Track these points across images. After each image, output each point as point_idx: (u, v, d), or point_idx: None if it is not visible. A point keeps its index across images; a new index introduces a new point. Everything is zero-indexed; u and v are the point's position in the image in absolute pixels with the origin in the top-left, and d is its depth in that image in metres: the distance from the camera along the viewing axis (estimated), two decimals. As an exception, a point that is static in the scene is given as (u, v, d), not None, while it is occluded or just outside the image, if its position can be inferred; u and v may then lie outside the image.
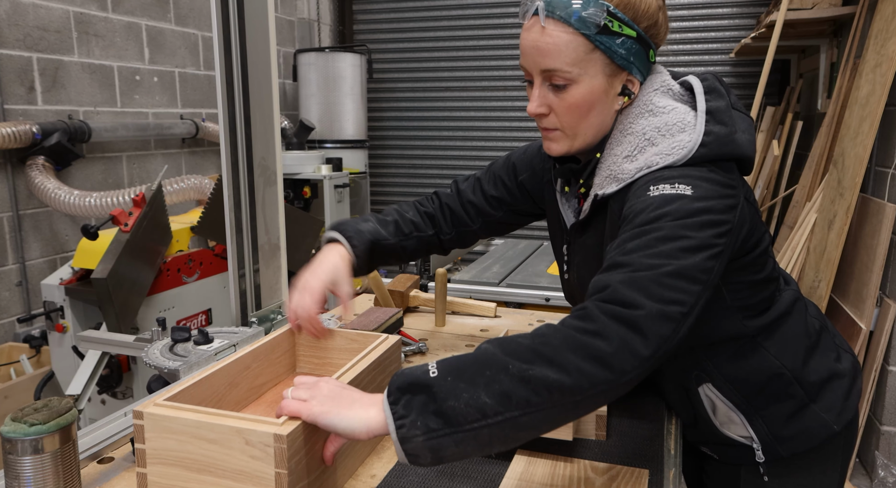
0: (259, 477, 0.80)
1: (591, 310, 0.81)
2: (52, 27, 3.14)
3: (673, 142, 0.97)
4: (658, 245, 0.85)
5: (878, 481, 2.75)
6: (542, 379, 0.76)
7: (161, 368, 1.28)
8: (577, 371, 0.76)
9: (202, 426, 0.81)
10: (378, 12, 5.06)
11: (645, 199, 0.92)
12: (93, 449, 1.00)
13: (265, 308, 1.64)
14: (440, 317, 1.72)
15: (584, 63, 0.97)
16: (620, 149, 1.02)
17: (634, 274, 0.83)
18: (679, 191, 0.91)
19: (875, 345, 2.70)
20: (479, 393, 0.76)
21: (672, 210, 0.89)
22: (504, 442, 0.79)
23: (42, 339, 2.88)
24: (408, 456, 0.77)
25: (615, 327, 0.78)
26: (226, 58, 1.47)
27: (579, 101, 0.99)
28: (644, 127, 1.00)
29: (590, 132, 1.04)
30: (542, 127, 1.06)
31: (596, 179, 1.05)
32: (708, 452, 1.23)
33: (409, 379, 0.78)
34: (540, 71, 0.99)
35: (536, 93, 1.02)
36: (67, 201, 2.92)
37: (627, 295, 0.80)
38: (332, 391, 0.84)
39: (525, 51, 1.01)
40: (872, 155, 2.83)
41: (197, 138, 4.00)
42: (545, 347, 0.78)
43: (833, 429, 1.12)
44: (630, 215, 0.92)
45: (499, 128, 4.85)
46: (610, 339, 0.77)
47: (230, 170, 1.52)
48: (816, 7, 3.20)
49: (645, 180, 0.96)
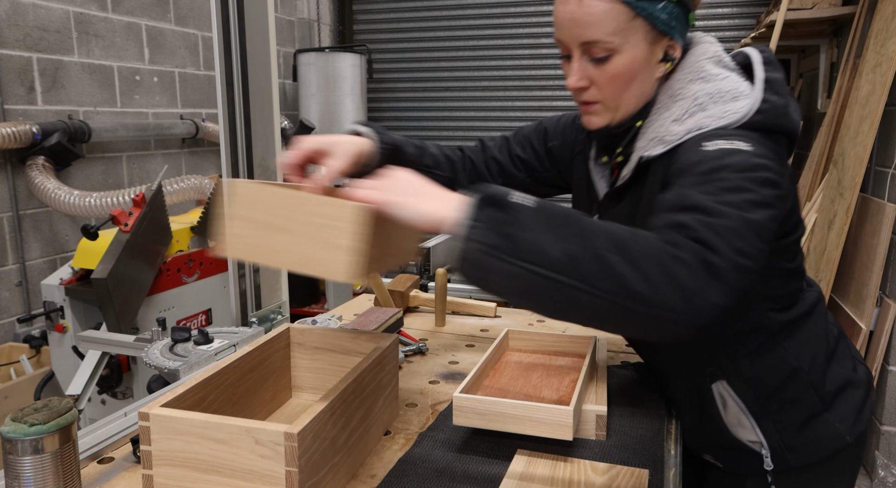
0: (269, 477, 0.80)
1: (679, 240, 0.76)
2: (52, 27, 3.14)
3: (725, 108, 0.94)
4: (725, 195, 0.81)
5: (879, 481, 2.75)
6: (617, 268, 0.74)
7: (161, 368, 1.28)
8: (653, 284, 0.73)
9: (210, 426, 0.81)
10: (378, 12, 5.06)
11: (700, 152, 0.88)
12: (93, 449, 1.00)
13: (265, 308, 1.64)
14: (440, 317, 1.72)
15: (625, 32, 0.93)
16: (668, 113, 0.98)
17: (710, 218, 0.78)
18: (736, 146, 0.87)
19: (875, 345, 2.70)
20: (555, 243, 0.75)
21: (733, 162, 0.85)
22: (544, 303, 0.77)
23: (42, 339, 2.88)
24: (461, 259, 0.77)
25: (697, 264, 0.74)
26: (226, 58, 1.47)
27: (621, 71, 0.96)
28: (696, 92, 0.97)
29: (632, 102, 1.00)
30: (581, 101, 1.02)
31: (639, 143, 1.01)
32: (711, 460, 1.20)
33: (500, 194, 0.78)
34: (579, 44, 0.96)
35: (576, 66, 0.98)
36: (67, 201, 2.92)
37: (708, 236, 0.76)
38: (408, 180, 0.85)
39: (562, 24, 0.97)
40: (872, 155, 2.83)
41: (197, 138, 4.00)
42: (636, 245, 0.75)
43: (846, 440, 1.09)
44: (685, 167, 0.88)
45: (499, 128, 4.84)
46: (691, 273, 0.74)
47: (230, 170, 1.52)
48: (816, 7, 3.20)
49: (696, 139, 0.92)
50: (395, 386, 1.16)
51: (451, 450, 1.05)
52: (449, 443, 1.07)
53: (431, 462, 1.01)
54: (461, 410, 1.04)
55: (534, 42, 4.67)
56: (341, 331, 1.17)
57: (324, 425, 0.85)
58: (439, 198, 0.83)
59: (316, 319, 1.57)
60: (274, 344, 1.14)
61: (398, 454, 1.04)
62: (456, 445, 1.06)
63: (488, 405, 1.02)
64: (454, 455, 1.03)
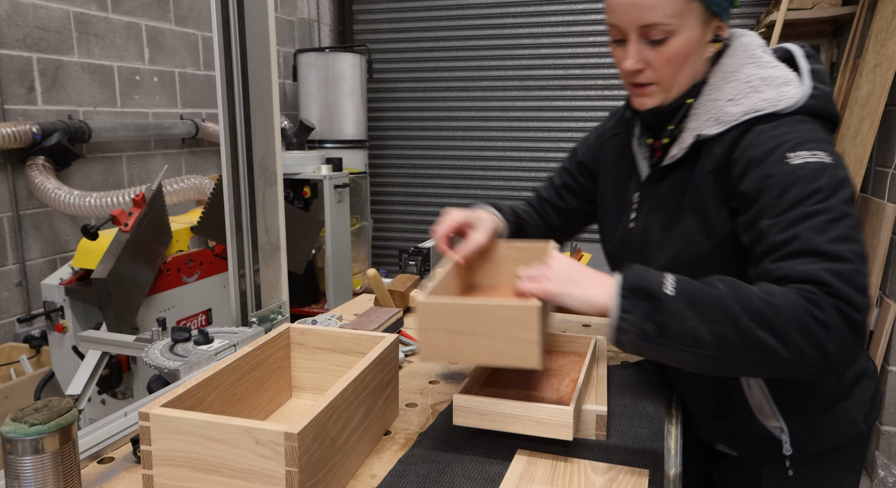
0: (269, 477, 0.80)
1: (822, 299, 0.83)
2: (52, 27, 3.14)
3: (780, 91, 1.00)
4: (834, 227, 0.87)
5: (879, 481, 2.75)
6: (763, 342, 0.82)
7: (161, 368, 1.28)
8: (798, 350, 0.82)
9: (210, 426, 0.81)
10: (378, 12, 5.06)
11: (788, 167, 0.93)
12: (93, 449, 1.00)
13: (265, 308, 1.64)
14: (440, 317, 1.72)
15: (682, 13, 0.98)
16: (722, 93, 1.03)
17: (837, 265, 0.85)
18: (820, 159, 0.92)
19: (875, 345, 2.70)
20: (702, 328, 0.84)
21: (825, 184, 0.90)
22: (697, 368, 0.88)
23: (42, 339, 2.88)
24: (616, 342, 0.90)
25: (841, 325, 0.82)
26: (226, 58, 1.47)
27: (678, 52, 1.00)
28: (749, 75, 1.02)
29: (685, 82, 1.05)
30: (635, 82, 1.06)
31: (692, 123, 1.05)
32: (726, 450, 1.22)
33: (644, 285, 0.88)
34: (638, 27, 1.00)
35: (633, 49, 1.02)
36: (67, 201, 2.92)
37: (844, 291, 0.83)
38: (563, 270, 0.96)
39: (619, 8, 1.00)
40: (872, 155, 2.83)
41: (197, 138, 4.00)
42: (776, 318, 0.82)
43: (861, 428, 1.13)
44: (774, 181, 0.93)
45: (499, 128, 4.84)
46: (835, 335, 0.82)
47: (230, 170, 1.52)
48: (816, 7, 3.19)
49: (760, 131, 0.98)
50: (395, 386, 1.16)
51: (451, 450, 1.05)
52: (449, 443, 1.07)
53: (431, 462, 1.01)
54: (461, 410, 1.04)
55: (534, 42, 4.67)
56: (341, 331, 1.17)
57: (324, 425, 0.85)
58: (595, 284, 0.93)
59: (316, 319, 1.57)
60: (274, 344, 1.14)
61: (398, 454, 1.04)
62: (456, 445, 1.06)
63: (488, 405, 1.02)
64: (454, 455, 1.03)
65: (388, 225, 5.23)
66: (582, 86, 4.58)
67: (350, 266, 4.21)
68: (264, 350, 1.11)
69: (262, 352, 1.10)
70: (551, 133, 4.69)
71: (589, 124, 4.58)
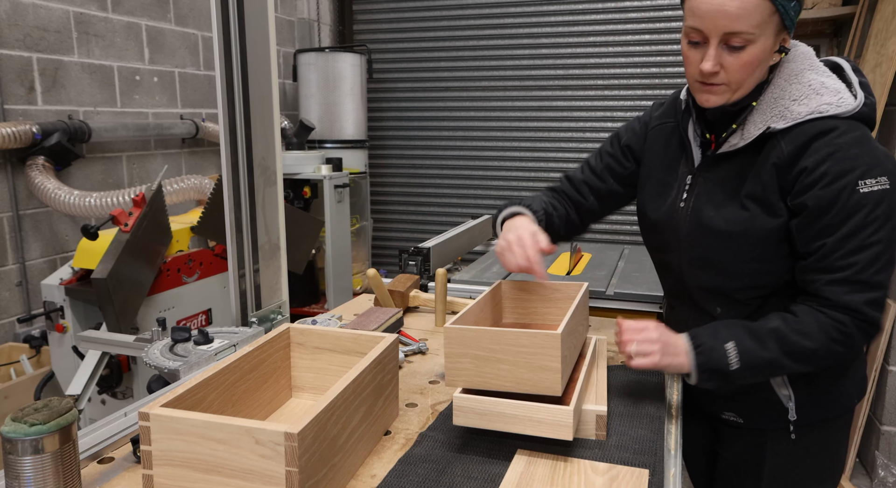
0: (269, 476, 0.80)
1: (853, 332, 1.11)
2: (52, 27, 3.14)
3: (838, 97, 1.13)
4: (882, 257, 1.10)
5: (878, 481, 2.75)
6: (800, 369, 1.14)
7: (161, 368, 1.28)
8: (825, 366, 1.16)
9: (211, 426, 0.81)
10: (378, 12, 5.05)
11: (856, 196, 1.08)
12: (93, 449, 1.00)
13: (265, 308, 1.64)
14: (440, 317, 1.72)
15: (764, 25, 1.08)
16: (786, 93, 1.15)
17: (874, 294, 1.10)
18: (882, 186, 1.09)
19: (875, 345, 2.70)
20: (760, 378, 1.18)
21: (883, 211, 1.09)
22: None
23: (42, 339, 2.88)
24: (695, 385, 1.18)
25: (861, 342, 1.13)
26: (226, 58, 1.47)
27: (753, 59, 1.10)
28: (810, 79, 1.15)
29: (751, 85, 1.15)
30: (706, 82, 1.15)
31: (757, 117, 1.17)
32: (732, 418, 1.34)
33: (713, 367, 1.14)
34: (722, 33, 1.08)
35: (713, 53, 1.11)
36: (67, 201, 2.92)
37: (874, 317, 1.11)
38: (662, 342, 1.15)
39: (706, 14, 1.08)
40: (872, 155, 2.82)
41: (197, 138, 4.00)
42: (814, 355, 1.12)
43: (854, 402, 1.31)
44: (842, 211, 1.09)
45: (499, 128, 4.84)
46: (854, 350, 1.14)
47: (230, 170, 1.52)
48: (816, 7, 3.19)
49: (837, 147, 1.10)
50: (395, 386, 1.16)
51: (451, 450, 1.05)
52: (449, 443, 1.07)
53: (431, 462, 1.01)
54: (461, 410, 1.04)
55: (534, 42, 4.67)
56: (341, 331, 1.17)
57: (324, 425, 0.85)
58: (679, 353, 1.15)
59: (316, 319, 1.57)
60: (274, 344, 1.14)
61: (398, 454, 1.04)
62: (456, 445, 1.06)
63: (488, 405, 1.02)
64: (454, 455, 1.03)
65: (388, 225, 5.23)
66: (582, 86, 4.58)
67: (350, 266, 4.21)
68: (264, 350, 1.11)
69: (262, 352, 1.10)
70: (551, 133, 4.69)
71: (589, 124, 4.58)
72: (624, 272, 2.39)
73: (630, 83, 4.46)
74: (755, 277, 1.21)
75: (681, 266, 1.30)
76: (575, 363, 1.27)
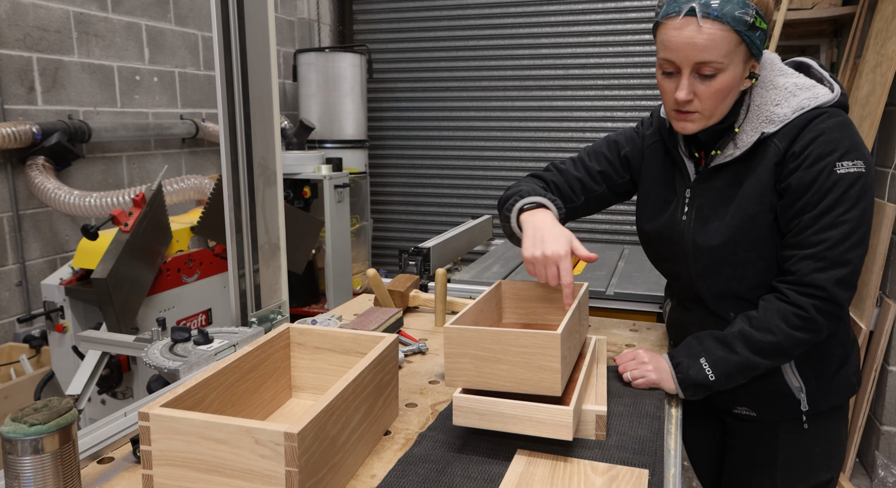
0: (269, 476, 0.80)
1: (813, 316, 1.17)
2: (52, 27, 3.14)
3: (814, 92, 1.21)
4: (852, 236, 1.15)
5: (878, 481, 2.75)
6: (775, 362, 1.23)
7: (161, 368, 1.28)
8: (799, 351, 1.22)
9: (210, 426, 0.81)
10: (378, 12, 5.05)
11: (833, 176, 1.15)
12: (93, 449, 1.00)
13: (265, 308, 1.64)
14: (440, 317, 1.72)
15: (732, 54, 1.14)
16: (767, 100, 1.23)
17: (841, 271, 1.15)
18: (858, 169, 1.15)
19: (875, 345, 2.70)
20: (739, 381, 1.25)
21: (856, 192, 1.15)
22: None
23: (42, 339, 2.88)
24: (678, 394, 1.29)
25: (826, 326, 1.19)
26: (226, 58, 1.47)
27: (723, 87, 1.17)
28: (784, 83, 1.23)
29: (723, 111, 1.22)
30: (682, 110, 1.22)
31: (748, 126, 1.24)
32: (745, 412, 1.39)
33: (694, 382, 1.25)
34: (693, 63, 1.15)
35: (685, 82, 1.17)
36: (67, 201, 2.92)
37: (839, 295, 1.16)
38: (653, 363, 1.30)
39: (676, 46, 1.15)
40: (872, 155, 2.83)
41: (197, 138, 4.00)
42: (779, 347, 1.20)
43: (855, 389, 1.37)
44: (819, 190, 1.15)
45: (499, 128, 4.84)
46: (821, 333, 1.20)
47: (230, 170, 1.52)
48: (816, 7, 3.19)
49: (821, 130, 1.17)
50: (395, 386, 1.16)
51: (451, 450, 1.05)
52: (449, 443, 1.07)
53: (431, 462, 1.01)
54: (461, 410, 1.04)
55: (534, 42, 4.67)
56: (341, 331, 1.17)
57: (324, 425, 0.85)
58: (668, 372, 1.28)
59: (316, 319, 1.57)
60: (274, 344, 1.14)
61: (398, 454, 1.04)
62: (456, 445, 1.06)
63: (488, 405, 1.02)
64: (454, 455, 1.03)
65: (388, 225, 5.23)
66: (582, 86, 4.58)
67: (350, 266, 4.21)
68: (264, 350, 1.11)
69: (261, 352, 1.10)
70: (551, 133, 4.69)
71: (589, 124, 4.58)
72: (624, 272, 2.39)
73: (630, 83, 4.46)
74: (764, 275, 1.26)
75: (690, 275, 1.34)
76: (575, 363, 1.27)
